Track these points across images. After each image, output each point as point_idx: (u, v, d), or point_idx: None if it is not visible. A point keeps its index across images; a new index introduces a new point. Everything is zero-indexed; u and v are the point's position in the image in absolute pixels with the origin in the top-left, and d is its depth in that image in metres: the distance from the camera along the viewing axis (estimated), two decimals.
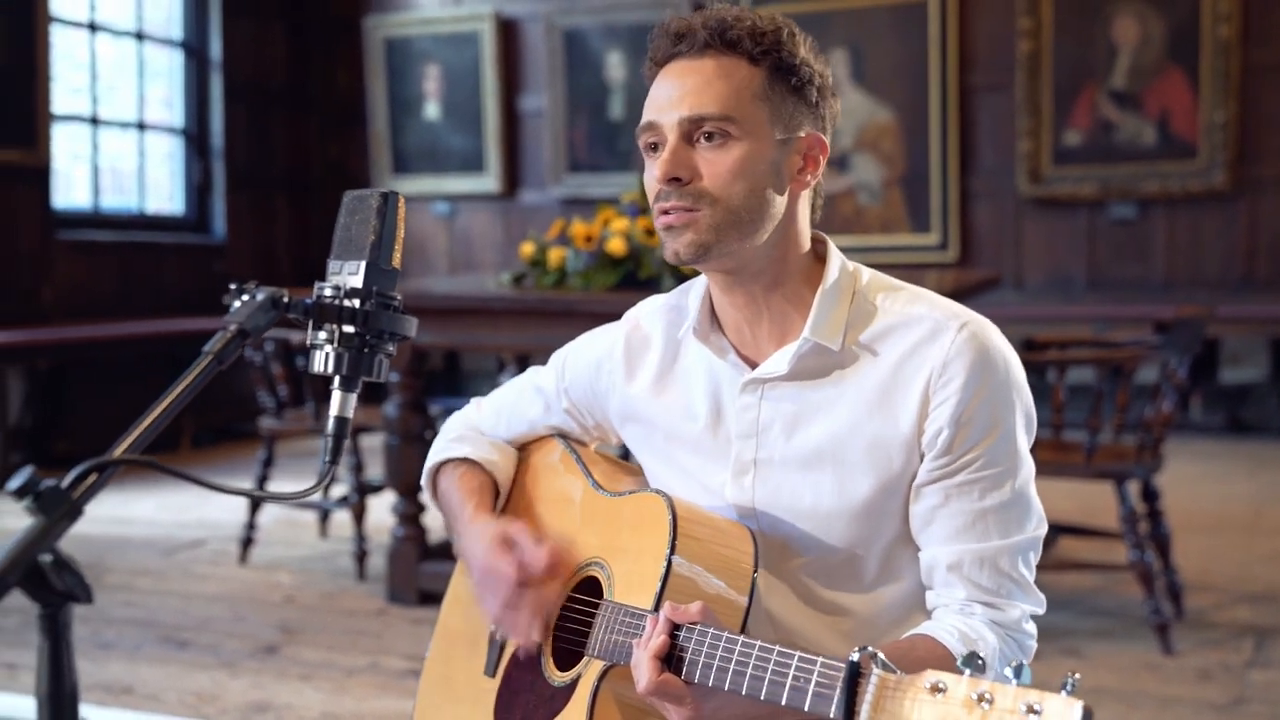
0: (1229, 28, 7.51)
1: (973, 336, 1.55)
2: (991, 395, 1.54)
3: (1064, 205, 7.99)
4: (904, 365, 1.56)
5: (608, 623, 1.57)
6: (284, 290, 1.19)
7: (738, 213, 1.54)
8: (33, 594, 1.01)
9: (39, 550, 0.99)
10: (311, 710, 3.52)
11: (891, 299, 1.61)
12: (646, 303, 1.81)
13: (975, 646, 1.48)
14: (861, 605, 1.63)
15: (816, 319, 1.58)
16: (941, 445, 1.54)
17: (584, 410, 1.84)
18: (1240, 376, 7.90)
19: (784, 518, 1.61)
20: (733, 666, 1.37)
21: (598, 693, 1.54)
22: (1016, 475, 1.55)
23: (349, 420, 1.24)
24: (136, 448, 1.07)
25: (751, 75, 1.56)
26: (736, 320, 1.65)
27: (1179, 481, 5.69)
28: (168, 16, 8.70)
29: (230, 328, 1.16)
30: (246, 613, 4.44)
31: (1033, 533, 1.57)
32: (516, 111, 9.13)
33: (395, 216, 1.26)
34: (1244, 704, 3.50)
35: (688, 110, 1.55)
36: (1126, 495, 3.98)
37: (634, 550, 1.60)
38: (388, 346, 1.25)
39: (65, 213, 7.82)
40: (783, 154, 1.57)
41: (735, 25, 1.56)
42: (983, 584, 1.54)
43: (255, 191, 9.15)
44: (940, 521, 1.56)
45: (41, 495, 1.00)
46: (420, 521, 4.54)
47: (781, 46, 1.57)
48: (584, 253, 4.33)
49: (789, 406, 1.61)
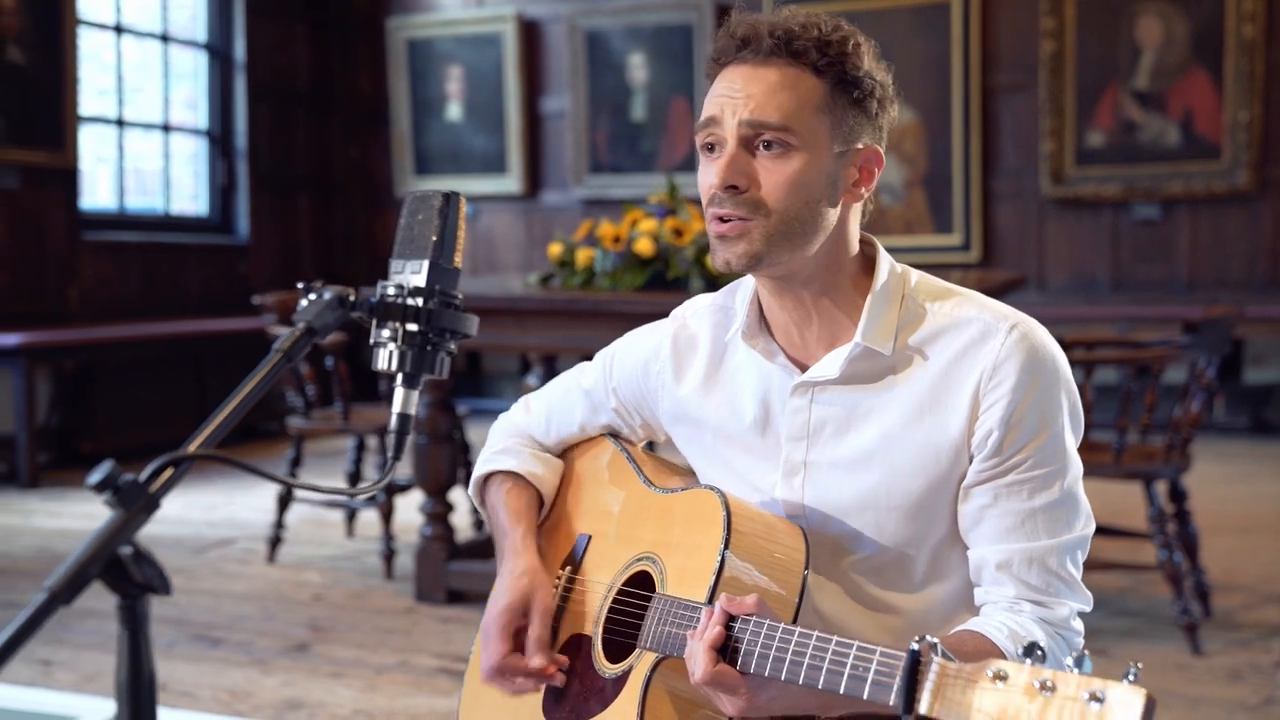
0: (1253, 28, 7.50)
1: (1023, 338, 1.56)
2: (1041, 396, 1.55)
3: (1087, 206, 7.98)
4: (954, 367, 1.57)
5: (660, 615, 1.59)
6: (350, 289, 1.21)
7: (791, 224, 1.55)
8: (112, 585, 1.03)
9: (119, 542, 1.01)
10: (344, 708, 3.55)
11: (941, 301, 1.63)
12: (692, 302, 1.82)
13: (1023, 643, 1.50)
14: (910, 604, 1.64)
15: (867, 323, 1.59)
16: (991, 446, 1.55)
17: (632, 409, 1.86)
18: (1264, 377, 7.88)
19: (834, 517, 1.63)
20: (789, 656, 1.39)
21: (650, 684, 1.56)
22: (1065, 475, 1.57)
23: (412, 417, 1.26)
24: (210, 443, 1.09)
25: (815, 87, 1.55)
26: (785, 323, 1.66)
27: (1204, 482, 5.69)
28: (192, 18, 8.75)
29: (299, 325, 1.18)
30: (276, 611, 4.47)
31: (1080, 531, 1.58)
32: (538, 112, 9.16)
33: (457, 216, 1.28)
34: (1275, 704, 3.50)
35: (749, 115, 1.54)
36: (1155, 495, 3.99)
37: (687, 545, 1.62)
38: (449, 344, 1.27)
39: (91, 214, 7.87)
40: (839, 166, 1.58)
41: (802, 35, 1.55)
42: (1031, 582, 1.55)
43: (278, 192, 9.20)
44: (989, 521, 1.57)
45: (120, 489, 1.03)
46: (448, 521, 4.56)
47: (846, 59, 1.56)
48: (612, 253, 4.35)
49: (839, 410, 1.62)
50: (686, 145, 8.68)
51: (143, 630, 1.03)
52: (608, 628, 1.70)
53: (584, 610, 1.75)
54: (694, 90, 8.58)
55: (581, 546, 1.82)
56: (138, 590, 1.03)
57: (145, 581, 1.02)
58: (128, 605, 1.03)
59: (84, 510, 6.21)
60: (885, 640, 1.62)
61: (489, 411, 8.64)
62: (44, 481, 6.90)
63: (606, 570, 1.75)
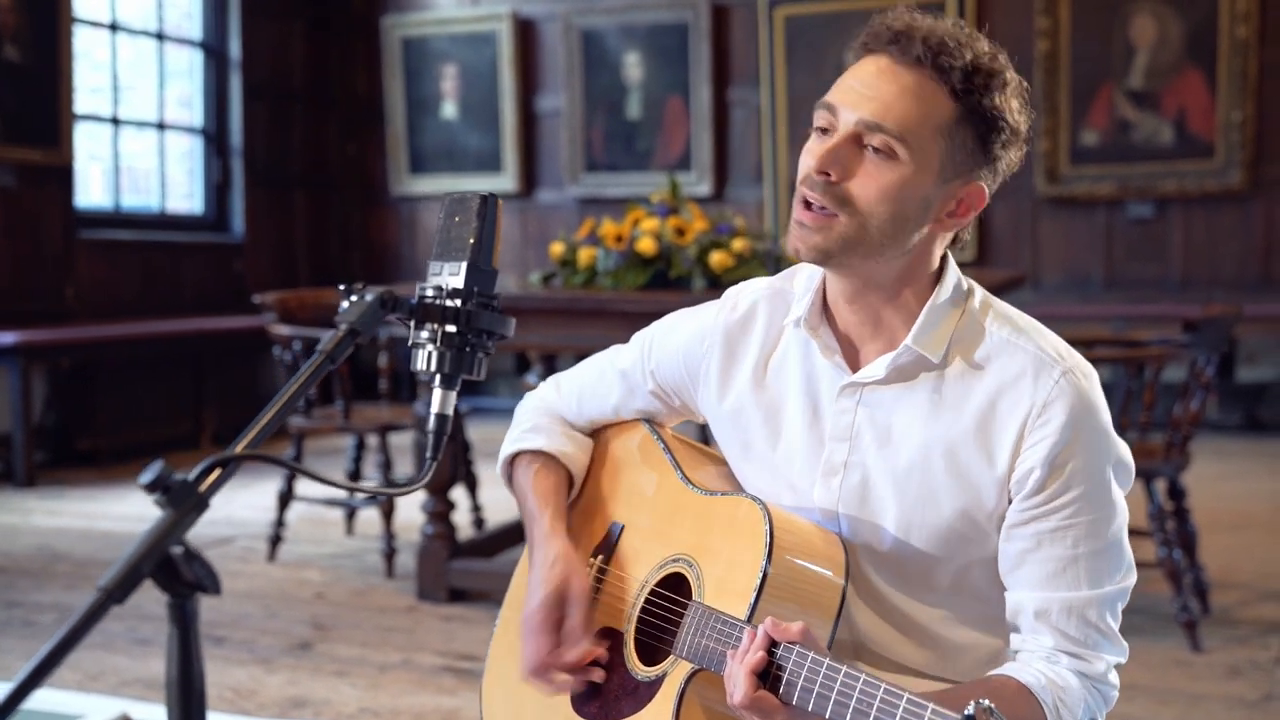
0: (1247, 28, 7.53)
1: (1075, 382, 1.54)
2: (1089, 440, 1.53)
3: (1081, 204, 8.02)
4: (1003, 396, 1.55)
5: (698, 626, 1.57)
6: (392, 290, 1.22)
7: (871, 233, 1.52)
8: (163, 584, 1.04)
9: (170, 542, 1.02)
10: (349, 705, 3.56)
11: (1000, 324, 1.59)
12: (747, 285, 1.78)
13: (1062, 695, 1.50)
14: (931, 617, 1.64)
15: (921, 329, 1.57)
16: (1033, 485, 1.52)
17: (671, 392, 1.82)
18: (1257, 375, 7.92)
19: (865, 522, 1.62)
20: (834, 696, 1.37)
21: (684, 694, 1.56)
22: (1111, 523, 1.54)
23: (449, 417, 1.27)
24: (256, 444, 1.11)
25: (945, 108, 1.51)
26: (850, 321, 1.63)
27: (1199, 480, 5.71)
28: (187, 16, 8.74)
29: (342, 327, 1.19)
30: (278, 609, 4.48)
31: (1122, 583, 1.56)
32: (534, 111, 9.17)
33: (494, 218, 1.28)
34: (1274, 700, 3.52)
35: (869, 114, 1.51)
36: (1155, 493, 4.01)
37: (726, 555, 1.61)
38: (487, 345, 1.28)
39: (87, 212, 7.86)
40: (939, 193, 1.54)
41: (954, 53, 1.51)
42: (1070, 634, 1.53)
43: (274, 190, 9.19)
44: (1030, 566, 1.54)
45: (171, 489, 1.04)
46: (449, 519, 4.57)
47: (989, 94, 1.52)
48: (614, 252, 4.36)
49: (884, 415, 1.60)
50: (682, 144, 8.69)
51: (193, 629, 1.04)
52: (639, 626, 1.69)
53: (616, 604, 1.74)
54: (689, 89, 8.60)
55: (615, 535, 1.80)
56: (188, 589, 1.04)
57: (196, 580, 1.03)
58: (178, 604, 1.04)
59: (82, 509, 6.21)
60: (906, 650, 1.63)
61: (488, 410, 8.67)
62: (41, 480, 6.89)
63: (640, 565, 1.74)
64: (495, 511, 5.52)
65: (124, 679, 3.74)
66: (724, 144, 8.65)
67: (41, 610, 4.43)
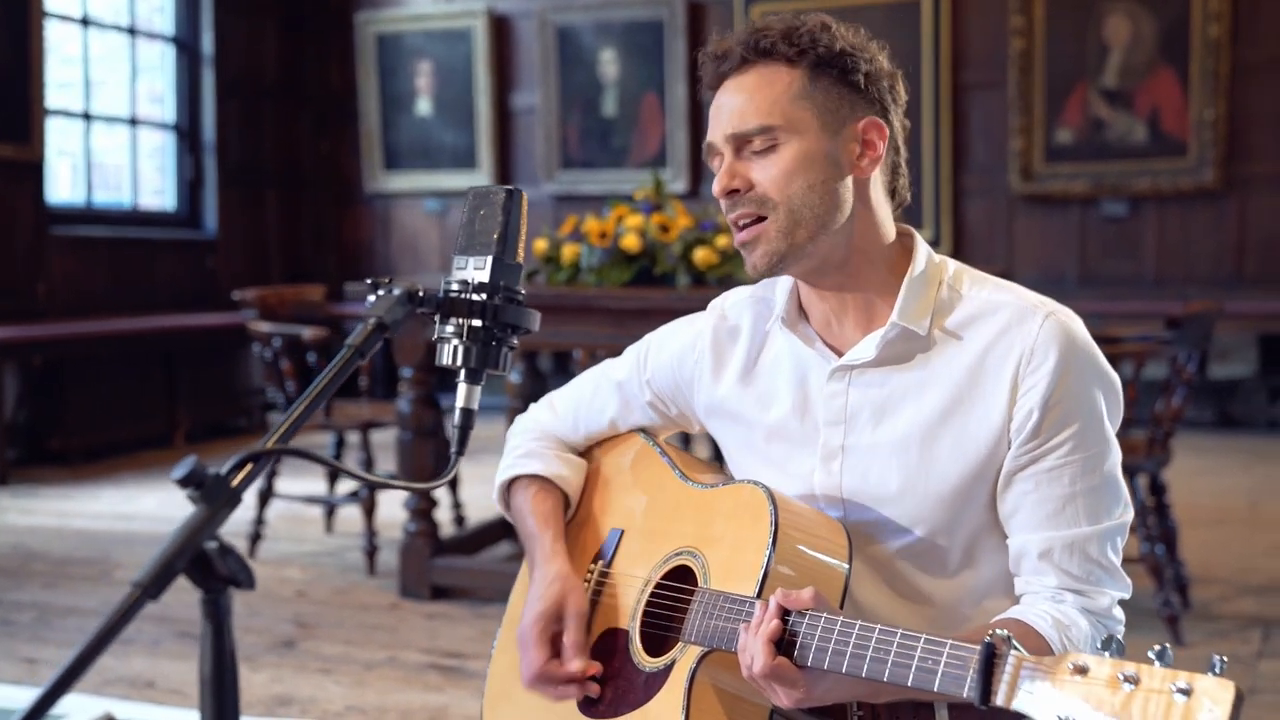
0: (1219, 27, 7.59)
1: (1059, 323, 1.57)
2: (1080, 379, 1.56)
3: (1056, 202, 8.06)
4: (991, 351, 1.58)
5: (706, 609, 1.59)
6: (418, 284, 1.21)
7: (799, 211, 1.57)
8: (197, 580, 1.03)
9: (204, 537, 1.01)
10: (335, 703, 3.54)
11: (977, 287, 1.64)
12: (732, 294, 1.83)
13: (1068, 633, 1.51)
14: (944, 591, 1.65)
15: (904, 305, 1.61)
16: (1030, 429, 1.55)
17: (667, 401, 1.86)
18: (1229, 372, 7.99)
19: (870, 503, 1.63)
20: (850, 649, 1.39)
21: (695, 677, 1.56)
22: (1105, 460, 1.57)
23: (474, 412, 1.26)
24: (286, 439, 1.10)
25: (792, 77, 1.59)
26: (824, 312, 1.68)
27: (1175, 476, 5.75)
28: (159, 11, 8.67)
29: (370, 321, 1.18)
30: (260, 607, 4.45)
31: (1120, 518, 1.59)
32: (509, 108, 9.14)
33: (519, 212, 1.28)
34: (1256, 694, 3.55)
35: (731, 129, 1.59)
36: (1137, 489, 4.04)
37: (731, 540, 1.63)
38: (512, 339, 1.28)
39: (58, 208, 7.79)
40: (836, 144, 1.59)
41: (768, 33, 1.59)
42: (1073, 571, 1.56)
43: (247, 187, 9.13)
44: (1029, 508, 1.57)
45: (204, 484, 1.03)
46: (432, 517, 4.55)
47: (817, 42, 1.58)
48: (598, 249, 4.35)
49: (877, 393, 1.63)
50: (658, 141, 8.69)
51: (226, 624, 1.03)
52: (645, 621, 1.70)
53: (618, 604, 1.75)
54: (665, 86, 8.60)
55: (613, 541, 1.82)
56: (221, 584, 1.03)
57: (230, 575, 1.02)
58: (211, 599, 1.03)
59: (56, 507, 6.15)
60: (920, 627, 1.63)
61: None
62: (13, 479, 6.82)
63: (642, 564, 1.75)
64: (477, 509, 5.51)
65: (107, 678, 3.71)
66: (699, 141, 8.61)
67: (20, 609, 4.39)
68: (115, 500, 6.28)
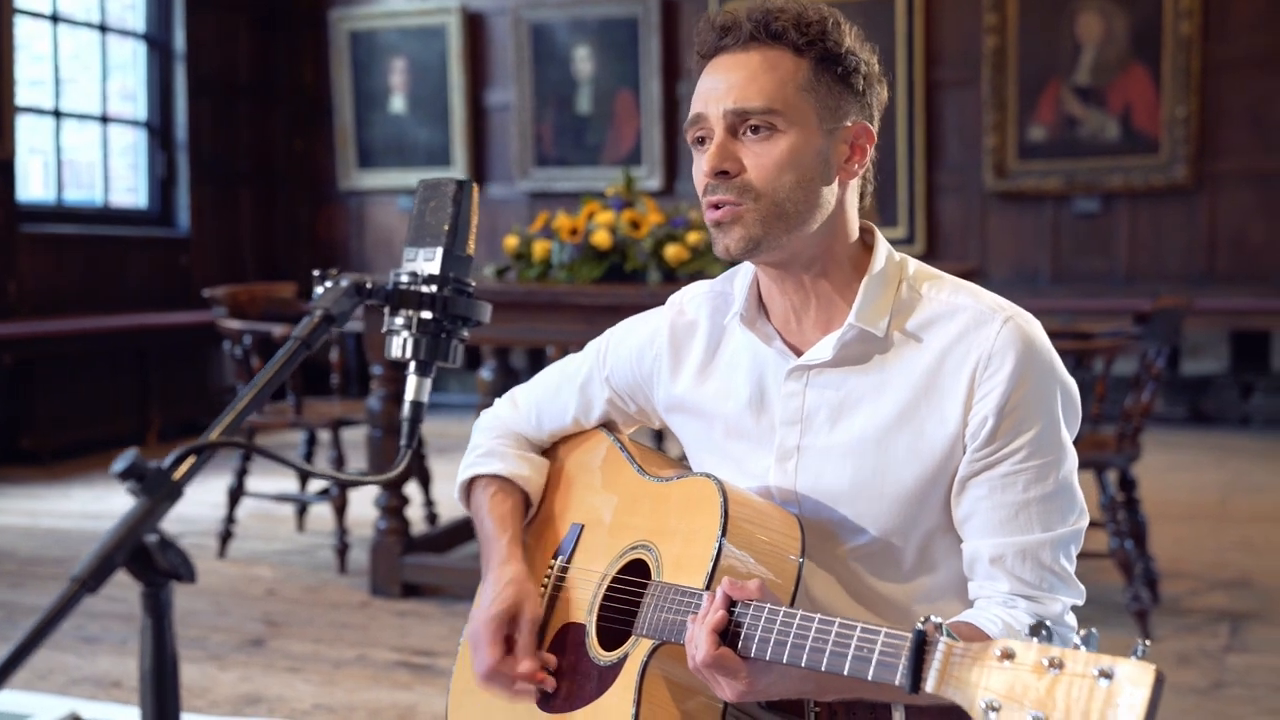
0: (1190, 25, 7.63)
1: (1017, 328, 1.56)
2: (1036, 385, 1.55)
3: (1029, 199, 8.09)
4: (949, 355, 1.57)
5: (657, 602, 1.59)
6: (366, 276, 1.20)
7: (784, 205, 1.55)
8: (137, 573, 1.02)
9: (144, 530, 1.00)
10: (303, 702, 3.52)
11: (936, 288, 1.62)
12: (691, 288, 1.82)
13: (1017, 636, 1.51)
14: (898, 592, 1.64)
15: (861, 305, 1.59)
16: (985, 435, 1.54)
17: (627, 397, 1.85)
18: (1201, 368, 8.03)
19: (825, 503, 1.63)
20: (791, 639, 1.39)
21: (646, 669, 1.56)
22: (1060, 466, 1.56)
23: (424, 405, 1.25)
24: (230, 431, 1.08)
25: (797, 66, 1.56)
26: (784, 308, 1.66)
27: (1146, 471, 5.78)
28: (130, 8, 8.61)
29: (317, 313, 1.17)
30: (230, 606, 4.43)
31: (1074, 525, 1.58)
32: (483, 105, 9.12)
33: (470, 203, 1.27)
34: (1224, 688, 3.57)
35: (733, 103, 1.55)
36: (1107, 484, 4.05)
37: (683, 533, 1.62)
38: (463, 332, 1.27)
39: (28, 206, 7.73)
40: (829, 144, 1.58)
41: (780, 17, 1.56)
42: (1025, 578, 1.55)
43: (220, 185, 9.08)
44: (983, 513, 1.56)
45: (145, 477, 1.02)
46: (403, 514, 4.54)
47: (827, 36, 1.57)
48: (569, 245, 4.35)
49: (833, 394, 1.62)
50: (633, 138, 8.68)
51: (167, 618, 1.02)
52: (602, 615, 1.70)
53: (576, 599, 1.75)
54: (639, 83, 8.59)
55: (573, 536, 1.82)
56: (162, 578, 1.02)
57: (170, 569, 1.01)
58: (152, 593, 1.02)
59: (25, 507, 6.11)
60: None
61: (441, 406, 8.62)
62: None
63: (600, 559, 1.75)
64: (448, 506, 5.49)
65: (73, 677, 3.68)
66: (674, 138, 8.65)
67: None
68: (86, 499, 6.24)
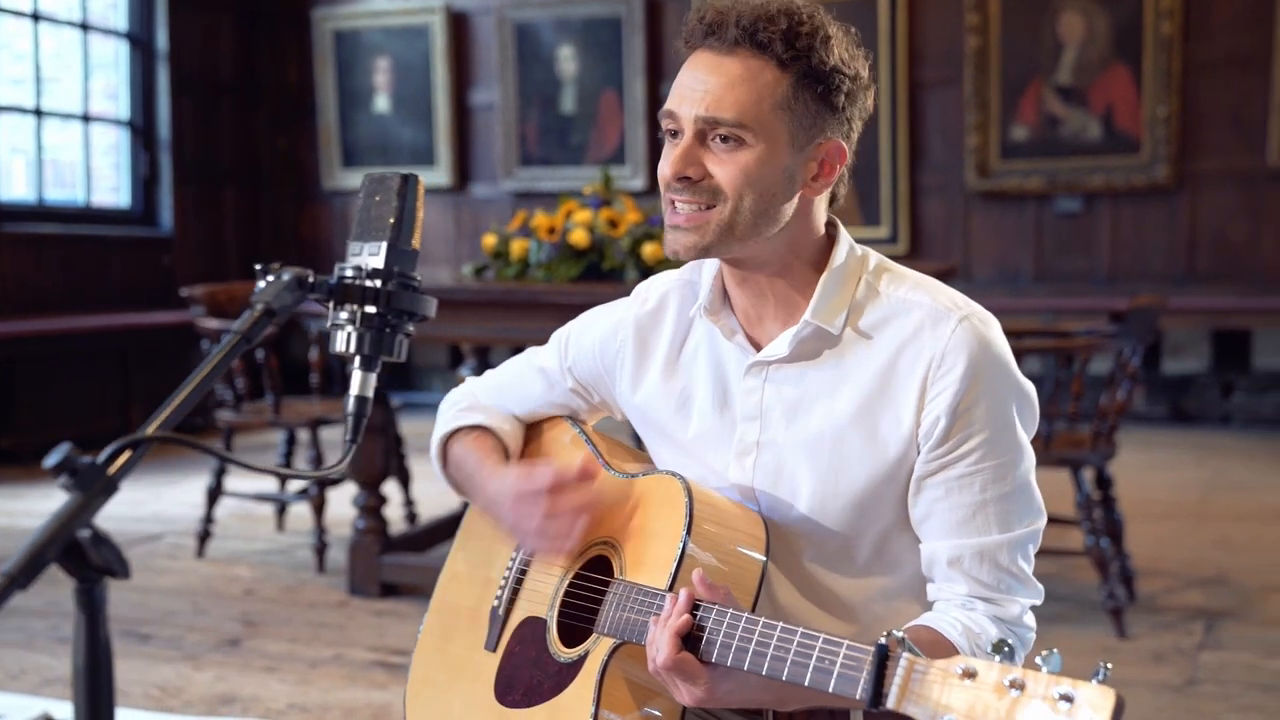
0: (1171, 25, 7.64)
1: (972, 327, 1.55)
2: (991, 385, 1.54)
3: (1011, 199, 8.10)
4: (903, 353, 1.56)
5: (619, 601, 1.58)
6: (309, 270, 1.20)
7: (744, 217, 1.53)
8: (70, 569, 1.01)
9: (77, 526, 1.00)
10: (278, 701, 3.51)
11: (895, 285, 1.61)
12: (659, 278, 1.81)
13: (978, 640, 1.50)
14: (854, 590, 1.64)
15: (818, 302, 1.59)
16: (939, 435, 1.53)
17: (589, 388, 1.84)
18: (1182, 367, 8.05)
19: (782, 499, 1.63)
20: (753, 647, 1.38)
21: (607, 669, 1.55)
22: (1017, 467, 1.55)
23: (369, 400, 1.25)
24: (168, 426, 1.08)
25: (778, 81, 1.53)
26: (744, 302, 1.66)
27: (1125, 470, 5.79)
28: (112, 7, 8.58)
29: (258, 307, 1.17)
30: (207, 606, 4.42)
31: (1031, 526, 1.57)
32: (467, 105, 9.11)
33: (415, 198, 1.27)
34: (1196, 685, 3.58)
35: (705, 110, 1.53)
36: (1083, 482, 4.06)
37: (647, 531, 1.62)
38: (408, 327, 1.26)
39: (9, 206, 7.70)
40: (797, 161, 1.56)
41: (769, 26, 1.52)
42: (983, 579, 1.54)
43: (203, 184, 9.06)
44: (940, 515, 1.56)
45: (78, 471, 1.01)
46: (381, 514, 4.53)
47: (814, 53, 1.53)
48: (547, 244, 4.34)
49: (791, 390, 1.62)
50: (616, 138, 8.68)
51: (101, 614, 1.01)
52: (563, 612, 1.69)
53: (538, 593, 1.74)
54: (623, 83, 8.58)
55: None
56: (96, 574, 1.01)
57: (104, 565, 1.01)
58: (85, 589, 1.01)
59: (5, 507, 6.09)
60: (831, 626, 1.63)
61: (421, 405, 8.60)
62: None
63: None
64: (428, 506, 5.48)
65: (46, 678, 3.67)
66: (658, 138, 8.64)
67: None
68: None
